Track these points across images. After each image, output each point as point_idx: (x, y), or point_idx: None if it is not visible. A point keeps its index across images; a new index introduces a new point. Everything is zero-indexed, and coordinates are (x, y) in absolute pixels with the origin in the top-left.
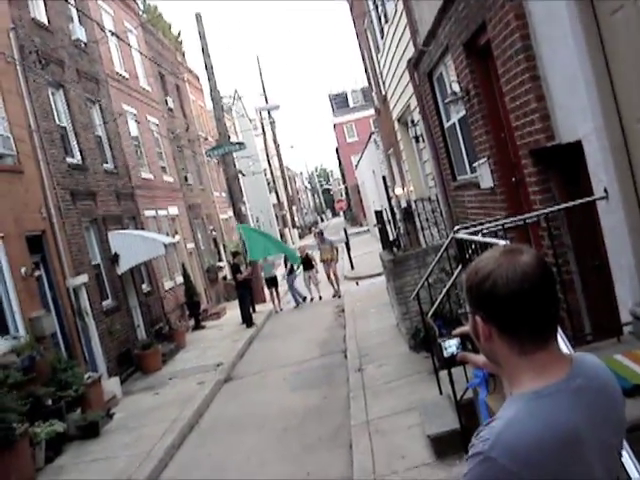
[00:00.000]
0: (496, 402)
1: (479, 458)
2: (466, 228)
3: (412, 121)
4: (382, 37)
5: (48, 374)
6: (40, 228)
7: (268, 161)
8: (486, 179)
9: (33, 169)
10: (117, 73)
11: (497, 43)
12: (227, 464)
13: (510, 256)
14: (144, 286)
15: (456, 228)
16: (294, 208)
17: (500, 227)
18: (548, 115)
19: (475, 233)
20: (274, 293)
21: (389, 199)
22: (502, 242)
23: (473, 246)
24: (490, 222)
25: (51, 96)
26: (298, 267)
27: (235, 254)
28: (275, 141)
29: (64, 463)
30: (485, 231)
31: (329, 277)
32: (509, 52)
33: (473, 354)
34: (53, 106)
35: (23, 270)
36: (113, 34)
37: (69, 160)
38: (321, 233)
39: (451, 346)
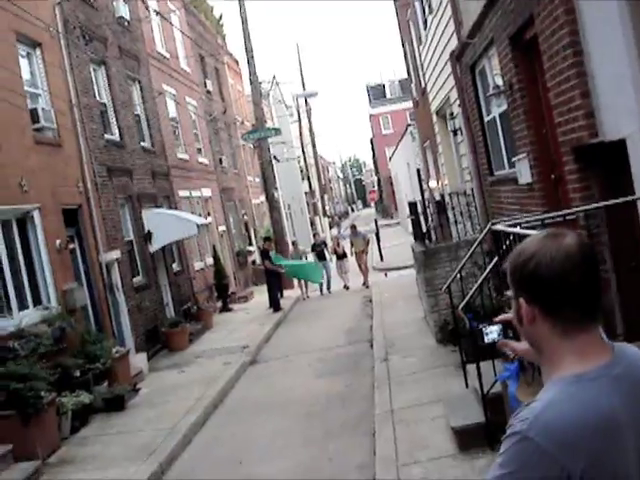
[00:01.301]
0: (526, 395)
1: (516, 437)
2: (501, 223)
3: (451, 114)
4: (425, 28)
5: (77, 346)
6: (76, 202)
7: (302, 149)
8: (525, 175)
9: (72, 143)
10: (158, 53)
11: (544, 37)
12: (250, 444)
13: (553, 238)
14: (174, 265)
15: (493, 221)
16: (326, 197)
17: (539, 222)
18: (592, 112)
19: (513, 227)
20: (302, 280)
21: (422, 192)
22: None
23: (510, 239)
24: (528, 217)
25: (92, 72)
26: (330, 259)
27: (266, 239)
28: (310, 129)
29: (89, 434)
30: (524, 225)
31: (360, 267)
32: (556, 47)
33: (513, 341)
34: (94, 82)
35: (58, 242)
36: (157, 13)
37: (107, 136)
38: (354, 227)
39: (492, 332)
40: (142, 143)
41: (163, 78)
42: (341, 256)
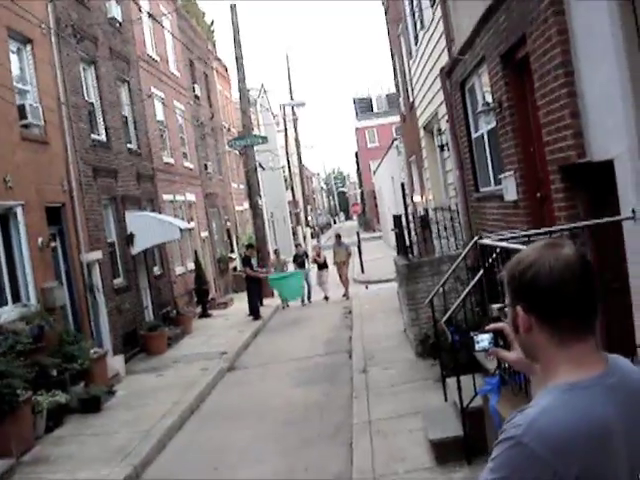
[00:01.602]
0: (506, 409)
1: (510, 442)
2: (487, 238)
3: (439, 129)
4: (416, 43)
5: (55, 345)
6: (60, 200)
7: (287, 158)
8: (511, 192)
9: (58, 141)
10: (148, 55)
11: (536, 57)
12: (226, 451)
13: (552, 248)
14: (155, 269)
15: (480, 235)
16: (309, 207)
17: (524, 238)
18: (581, 132)
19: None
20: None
21: (406, 206)
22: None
23: (496, 253)
24: (514, 234)
25: (82, 71)
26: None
27: (249, 246)
28: (296, 139)
29: (64, 434)
30: (510, 241)
31: (340, 278)
32: (548, 66)
33: (504, 350)
34: (83, 81)
35: (40, 240)
36: (150, 15)
37: (94, 136)
38: (339, 236)
39: (483, 340)
40: (128, 145)
41: (152, 81)
42: (321, 266)
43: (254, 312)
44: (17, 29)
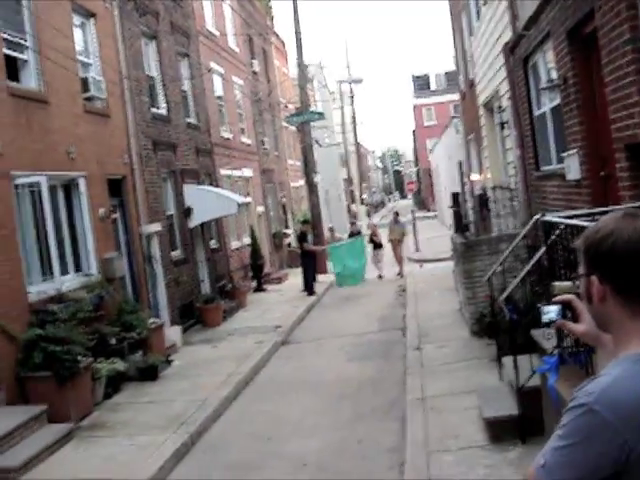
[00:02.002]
0: (565, 388)
1: (581, 410)
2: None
3: (499, 107)
4: (477, 19)
5: (114, 314)
6: (121, 173)
7: (343, 135)
8: (573, 171)
9: (120, 114)
10: (208, 30)
11: (604, 32)
12: (279, 422)
13: (631, 219)
14: (212, 242)
15: (541, 213)
16: (364, 185)
17: (588, 217)
18: None
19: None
20: (331, 261)
21: (463, 185)
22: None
23: (560, 229)
24: (577, 212)
25: (144, 45)
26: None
27: (304, 222)
28: (353, 116)
29: (121, 401)
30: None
31: (395, 256)
32: (616, 42)
33: (572, 323)
34: (144, 56)
35: (101, 211)
36: None
37: (154, 110)
38: (397, 214)
39: (551, 312)
40: (188, 119)
41: (211, 56)
42: (377, 245)
43: (308, 287)
44: (81, 3)
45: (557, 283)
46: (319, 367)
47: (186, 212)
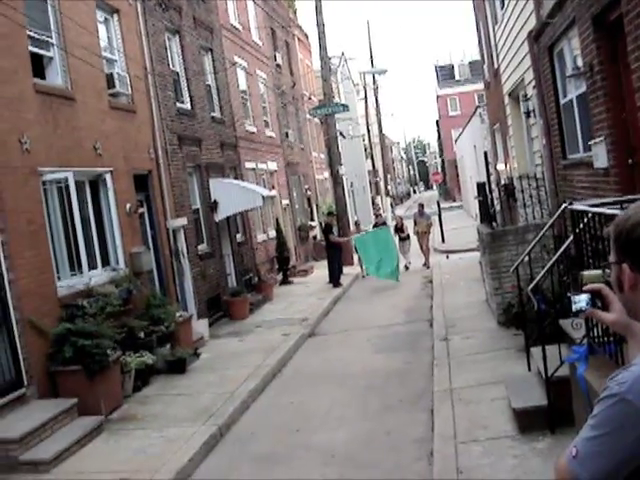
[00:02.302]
0: (594, 378)
1: (614, 399)
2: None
3: (525, 96)
4: (502, 8)
5: (142, 308)
6: (147, 168)
7: (367, 127)
8: (601, 159)
9: (145, 110)
10: (231, 24)
11: (630, 18)
12: (307, 414)
13: None
14: (238, 236)
15: (569, 202)
16: (388, 177)
17: (616, 205)
18: None
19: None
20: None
21: (488, 175)
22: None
23: (588, 217)
24: (605, 200)
25: (167, 41)
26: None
27: (329, 214)
28: (377, 107)
29: (150, 393)
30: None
31: (421, 248)
32: None
33: (602, 312)
34: (168, 50)
35: (128, 206)
36: None
37: (179, 105)
38: (422, 206)
39: (581, 301)
40: (212, 113)
41: (235, 50)
42: (404, 237)
43: (334, 280)
44: (105, 0)
45: (586, 272)
46: (346, 359)
47: (212, 206)
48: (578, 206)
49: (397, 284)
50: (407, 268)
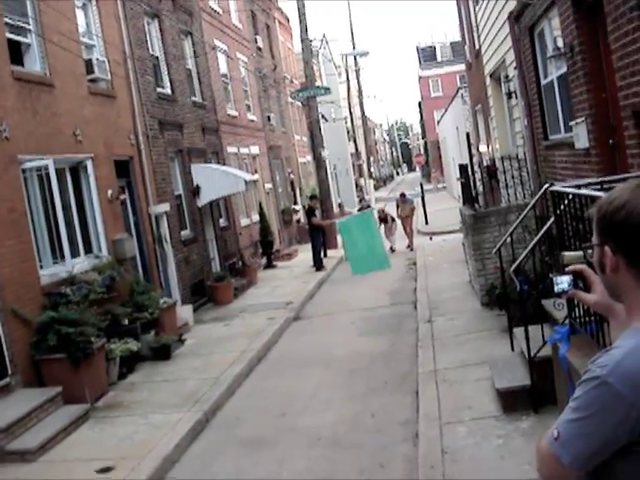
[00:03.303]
0: (576, 358)
1: (595, 382)
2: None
3: (506, 77)
4: None
5: (126, 295)
6: (128, 154)
7: (350, 109)
8: (582, 139)
9: (125, 95)
10: (210, 7)
11: None
12: (293, 397)
13: None
14: (221, 221)
15: (550, 183)
16: (371, 159)
17: (597, 185)
18: None
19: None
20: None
21: (471, 156)
22: (603, 194)
23: (569, 199)
24: (585, 181)
25: (146, 25)
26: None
27: (312, 197)
28: (359, 89)
29: (136, 380)
30: (582, 188)
31: (405, 230)
32: (622, 9)
33: (584, 293)
34: (147, 35)
35: (109, 193)
36: None
37: (159, 90)
38: (403, 195)
39: (563, 282)
40: (193, 98)
41: (215, 33)
42: (386, 222)
43: (318, 263)
44: None
45: (567, 253)
46: (331, 342)
47: (194, 191)
48: (558, 187)
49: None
50: (393, 250)
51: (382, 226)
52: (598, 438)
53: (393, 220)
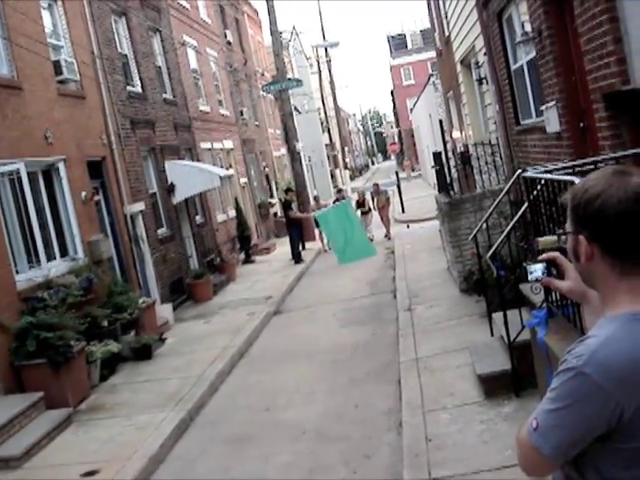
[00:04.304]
0: (554, 342)
1: (571, 373)
2: (530, 171)
3: (476, 63)
4: None
5: (104, 296)
6: (100, 154)
7: (322, 100)
8: (553, 123)
9: (95, 95)
10: (178, 3)
11: None
12: (276, 392)
13: (621, 177)
14: (198, 217)
15: (522, 169)
16: (346, 149)
17: (569, 169)
18: (625, 58)
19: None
20: (324, 232)
21: (445, 143)
22: (576, 179)
23: (541, 184)
24: (558, 165)
25: (114, 24)
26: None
27: (287, 190)
28: (331, 80)
29: (117, 382)
30: (554, 172)
31: (382, 219)
32: None
33: (558, 280)
34: (115, 33)
35: (83, 194)
36: None
37: (129, 88)
38: (377, 185)
39: (536, 270)
40: (164, 95)
41: (184, 29)
42: (366, 212)
43: (296, 256)
44: None
45: (541, 238)
46: (312, 335)
47: (169, 189)
48: (531, 173)
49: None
50: (371, 240)
51: (360, 213)
52: (577, 428)
53: (370, 210)
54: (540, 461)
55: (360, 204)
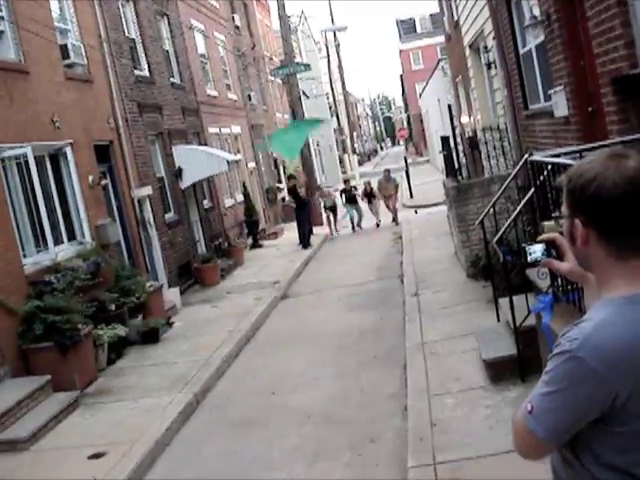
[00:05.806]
0: (560, 327)
1: (565, 356)
2: (537, 155)
3: (485, 47)
4: None
5: (112, 280)
6: (108, 138)
7: (331, 85)
8: (561, 107)
9: (102, 79)
10: None
11: None
12: (282, 376)
13: (617, 160)
14: (205, 202)
15: (529, 153)
16: (354, 134)
17: (576, 154)
18: (633, 41)
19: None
20: (331, 217)
21: (453, 128)
22: None
23: (548, 169)
24: (566, 149)
25: (121, 7)
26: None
27: (290, 177)
28: (339, 65)
29: (125, 365)
30: (562, 157)
31: (388, 207)
32: None
33: (557, 261)
34: (123, 17)
35: (91, 178)
36: None
37: (137, 72)
38: (388, 171)
39: (536, 252)
40: (172, 79)
41: (191, 13)
42: (371, 200)
43: (304, 241)
44: None
45: (547, 222)
46: (319, 319)
47: (177, 173)
48: (538, 157)
49: (367, 241)
50: (378, 225)
51: (366, 201)
52: (571, 411)
53: (376, 198)
54: (535, 444)
55: (367, 194)
